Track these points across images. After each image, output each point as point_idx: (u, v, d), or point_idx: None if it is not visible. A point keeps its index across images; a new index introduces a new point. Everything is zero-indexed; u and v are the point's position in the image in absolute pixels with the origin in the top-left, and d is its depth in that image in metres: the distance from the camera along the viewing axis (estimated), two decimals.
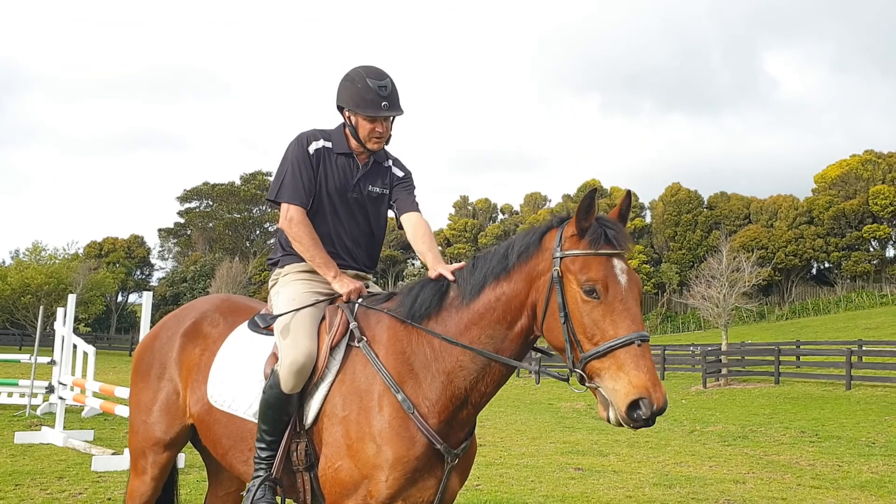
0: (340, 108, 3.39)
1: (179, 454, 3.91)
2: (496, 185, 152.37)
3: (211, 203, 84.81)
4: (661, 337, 62.81)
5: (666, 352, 32.36)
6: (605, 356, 2.54)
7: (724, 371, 26.65)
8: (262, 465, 3.03)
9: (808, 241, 73.14)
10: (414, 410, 2.83)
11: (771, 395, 22.61)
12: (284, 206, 3.30)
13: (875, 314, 54.67)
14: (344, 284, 3.21)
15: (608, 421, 2.55)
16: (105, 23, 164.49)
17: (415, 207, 3.47)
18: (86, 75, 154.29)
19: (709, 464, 10.74)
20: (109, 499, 6.80)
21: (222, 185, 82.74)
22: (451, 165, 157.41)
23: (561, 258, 2.70)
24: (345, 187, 3.35)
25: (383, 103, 3.25)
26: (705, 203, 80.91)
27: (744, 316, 60.82)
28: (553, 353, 2.89)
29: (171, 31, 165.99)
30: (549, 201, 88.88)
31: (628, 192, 2.81)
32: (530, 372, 2.90)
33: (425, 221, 3.43)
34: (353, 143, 3.39)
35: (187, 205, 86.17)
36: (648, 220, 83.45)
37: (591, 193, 2.66)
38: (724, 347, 29.01)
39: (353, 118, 3.33)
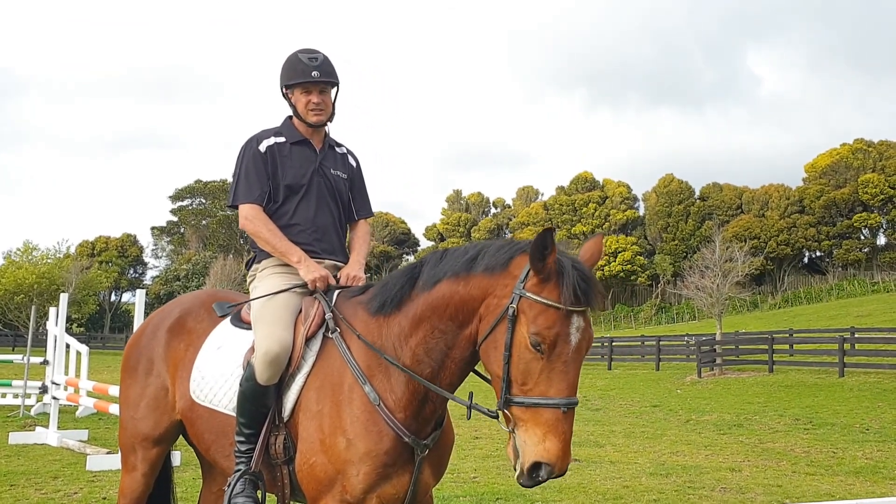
0: (283, 94, 3.44)
1: (175, 452, 3.89)
2: (489, 180, 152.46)
3: (204, 201, 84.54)
4: (655, 328, 62.99)
5: (661, 342, 32.39)
6: (529, 409, 2.49)
7: (718, 360, 26.74)
8: (242, 459, 3.01)
9: (799, 231, 73.44)
10: (380, 403, 2.81)
11: (765, 384, 22.71)
12: (240, 207, 3.33)
13: (867, 302, 54.93)
14: (310, 270, 3.20)
15: (514, 469, 2.55)
16: (97, 24, 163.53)
17: (369, 213, 3.65)
18: (77, 76, 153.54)
19: (704, 452, 10.78)
20: (105, 498, 6.76)
21: (215, 182, 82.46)
22: (443, 161, 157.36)
23: (520, 297, 2.55)
24: (307, 172, 3.38)
25: (313, 72, 3.33)
26: (697, 194, 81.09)
27: (737, 305, 61.04)
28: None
29: (162, 32, 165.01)
30: (542, 195, 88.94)
31: (600, 238, 2.76)
32: (469, 407, 2.78)
33: (369, 229, 3.67)
34: (301, 128, 3.43)
35: (180, 203, 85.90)
36: (641, 211, 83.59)
37: (546, 233, 2.48)
38: (718, 337, 29.11)
39: (292, 97, 3.40)
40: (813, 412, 16.18)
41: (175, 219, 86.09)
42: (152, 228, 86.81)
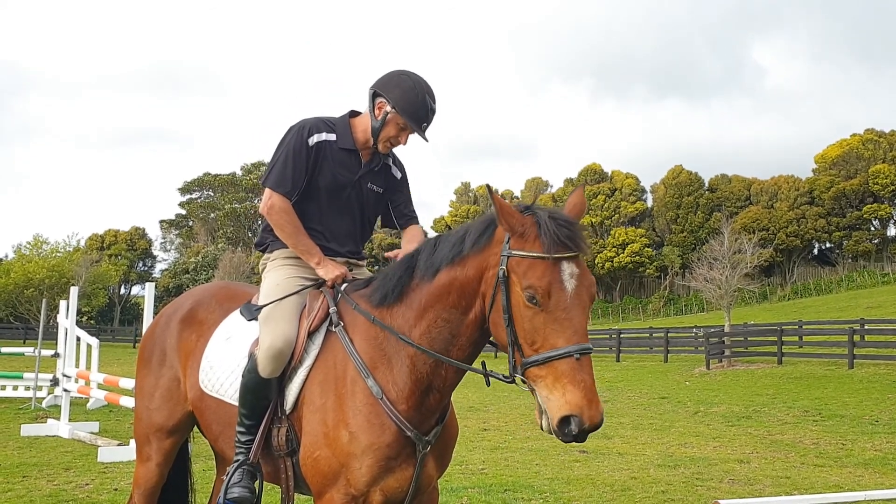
0: (376, 94, 3.24)
1: (188, 443, 3.91)
2: (498, 172, 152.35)
3: (212, 193, 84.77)
4: (664, 319, 62.85)
5: (669, 334, 32.36)
6: (544, 365, 2.45)
7: (727, 352, 26.67)
8: (242, 450, 3.03)
9: (809, 222, 73.05)
10: (383, 396, 2.81)
11: (774, 376, 22.65)
12: (268, 191, 3.27)
13: (877, 293, 54.65)
14: (328, 270, 3.20)
15: (542, 429, 2.51)
16: (106, 19, 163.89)
17: (415, 220, 3.55)
18: (85, 71, 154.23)
19: (713, 444, 10.77)
20: (116, 489, 6.82)
21: (223, 175, 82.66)
22: (451, 153, 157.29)
23: (508, 257, 2.57)
24: (343, 183, 3.31)
25: (424, 124, 3.25)
26: (706, 185, 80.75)
27: (746, 297, 60.84)
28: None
29: (171, 28, 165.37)
30: (551, 186, 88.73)
31: (581, 189, 2.81)
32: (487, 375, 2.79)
33: (422, 232, 3.54)
34: (360, 135, 3.32)
35: (188, 196, 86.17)
36: (650, 203, 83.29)
37: (487, 190, 2.63)
38: (726, 329, 29.03)
39: (387, 111, 3.20)
40: (822, 404, 16.14)
41: (183, 212, 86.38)
42: (161, 221, 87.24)
